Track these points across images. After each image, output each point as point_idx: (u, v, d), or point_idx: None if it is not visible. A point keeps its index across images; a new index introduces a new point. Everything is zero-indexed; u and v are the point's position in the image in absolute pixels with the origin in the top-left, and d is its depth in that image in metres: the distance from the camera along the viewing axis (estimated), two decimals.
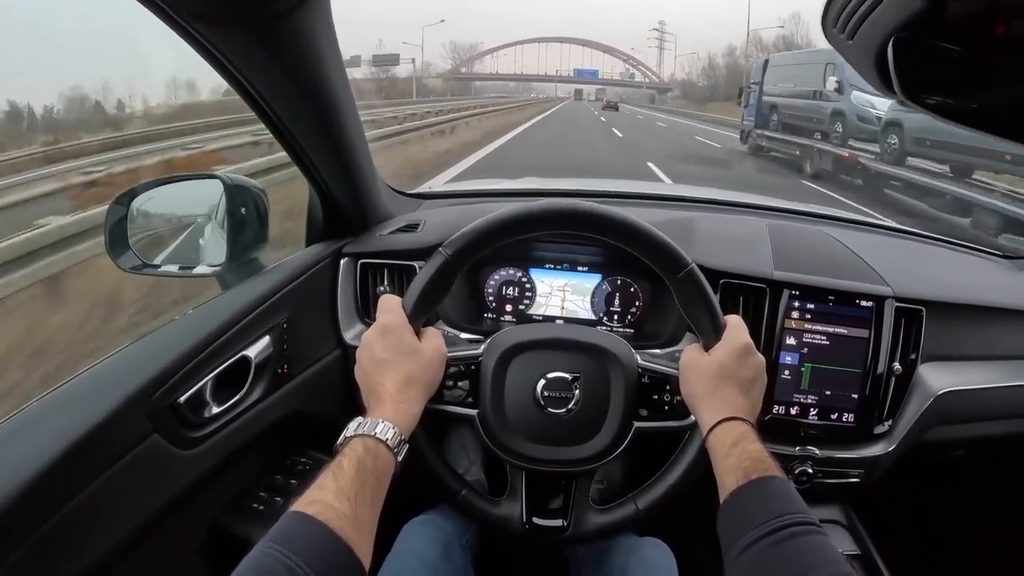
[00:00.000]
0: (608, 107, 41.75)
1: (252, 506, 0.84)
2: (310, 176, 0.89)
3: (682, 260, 0.71)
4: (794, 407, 0.92)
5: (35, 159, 7.80)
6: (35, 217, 3.53)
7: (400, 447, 0.61)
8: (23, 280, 2.89)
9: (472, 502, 0.76)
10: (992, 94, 0.40)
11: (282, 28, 0.60)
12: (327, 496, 0.53)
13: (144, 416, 0.64)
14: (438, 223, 1.03)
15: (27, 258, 2.94)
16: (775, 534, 0.53)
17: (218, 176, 0.89)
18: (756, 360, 0.70)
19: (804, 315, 0.92)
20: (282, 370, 0.84)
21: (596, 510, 0.77)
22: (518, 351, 0.76)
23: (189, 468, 0.70)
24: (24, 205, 4.65)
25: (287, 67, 0.66)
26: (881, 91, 0.43)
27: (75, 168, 6.73)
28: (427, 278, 0.70)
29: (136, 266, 0.89)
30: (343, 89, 0.76)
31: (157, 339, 0.74)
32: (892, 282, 0.94)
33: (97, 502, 0.59)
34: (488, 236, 0.71)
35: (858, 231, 1.29)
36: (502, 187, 1.53)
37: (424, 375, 0.68)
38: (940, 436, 0.98)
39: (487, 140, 12.69)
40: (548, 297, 1.06)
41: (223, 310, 0.77)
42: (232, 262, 0.88)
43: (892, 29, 0.36)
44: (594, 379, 0.75)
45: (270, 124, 0.76)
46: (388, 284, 0.99)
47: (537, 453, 0.74)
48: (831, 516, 1.01)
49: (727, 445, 0.63)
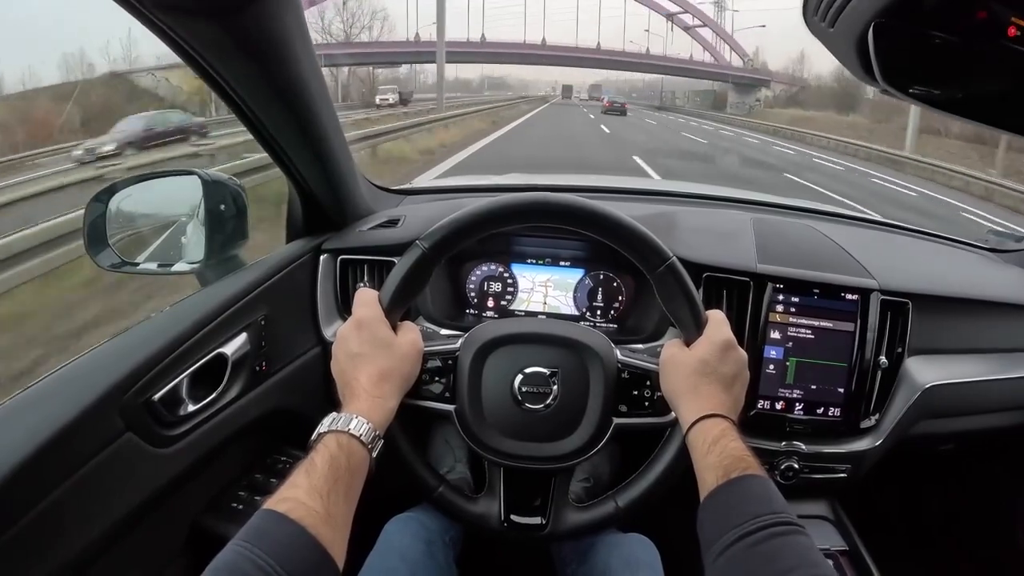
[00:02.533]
0: (612, 111, 29.69)
1: (232, 505, 0.83)
2: (287, 171, 0.88)
3: (663, 253, 0.70)
4: (779, 402, 0.91)
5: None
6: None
7: (375, 443, 0.60)
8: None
9: (449, 499, 0.75)
10: (974, 81, 0.40)
11: (249, 18, 0.60)
12: (299, 494, 0.52)
13: (117, 414, 0.64)
14: (419, 218, 1.02)
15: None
16: (755, 534, 0.52)
17: (196, 172, 0.88)
18: (738, 356, 0.70)
19: (788, 309, 0.91)
20: (259, 368, 0.83)
21: (575, 508, 0.76)
22: (495, 345, 0.75)
23: (165, 467, 0.70)
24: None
25: (256, 58, 0.66)
26: (864, 80, 0.42)
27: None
28: (404, 271, 0.69)
29: (115, 264, 0.88)
30: (316, 81, 0.75)
31: (131, 337, 0.73)
32: (877, 275, 0.93)
33: (70, 502, 0.58)
34: (466, 229, 0.70)
35: (843, 224, 1.29)
36: (486, 183, 1.53)
37: (400, 369, 0.67)
38: (927, 430, 0.98)
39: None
40: (530, 292, 1.05)
41: (199, 307, 0.77)
42: (211, 259, 0.88)
43: (872, 15, 0.36)
44: (572, 374, 0.74)
45: (244, 118, 0.75)
46: (368, 280, 0.98)
47: (515, 449, 0.73)
48: (818, 511, 1.01)
49: (707, 443, 0.62)
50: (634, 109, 37.32)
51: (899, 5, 0.34)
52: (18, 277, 3.14)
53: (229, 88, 0.69)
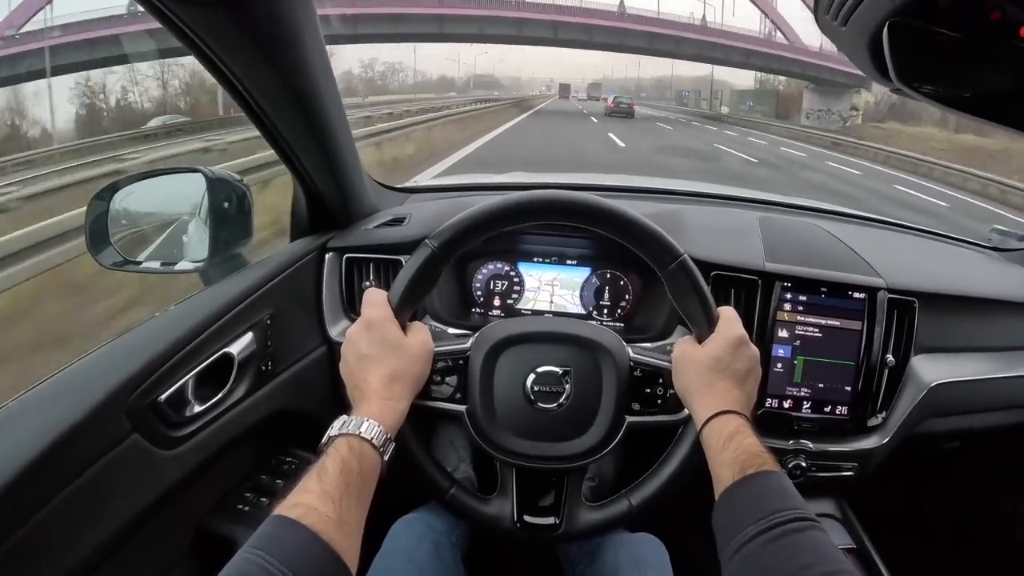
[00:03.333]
0: (617, 112, 25.82)
1: (237, 507, 0.82)
2: (293, 169, 0.87)
3: (674, 250, 0.70)
4: (787, 400, 0.91)
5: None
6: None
7: (386, 446, 0.60)
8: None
9: (462, 500, 0.74)
10: (987, 81, 0.40)
11: (259, 8, 0.59)
12: (311, 499, 0.51)
13: (123, 415, 0.63)
14: (424, 217, 1.01)
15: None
16: (772, 530, 0.52)
17: (200, 170, 0.87)
18: (751, 352, 0.70)
19: (796, 307, 0.91)
20: (265, 367, 0.82)
21: (589, 507, 0.76)
22: (507, 345, 0.74)
23: (171, 468, 0.69)
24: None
25: (266, 52, 0.65)
26: (876, 79, 0.42)
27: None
28: (413, 271, 0.69)
29: (118, 262, 0.87)
30: (325, 77, 0.75)
31: (136, 337, 0.72)
32: (884, 273, 0.93)
33: (76, 504, 0.58)
34: (475, 228, 0.70)
35: (849, 223, 1.28)
36: (490, 181, 1.52)
37: (410, 370, 0.66)
38: (934, 428, 0.98)
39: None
40: (537, 291, 1.04)
41: (204, 306, 0.76)
42: (215, 258, 0.87)
43: (885, 14, 0.36)
44: (585, 373, 0.74)
45: (250, 113, 0.74)
46: (374, 278, 0.97)
47: (528, 449, 0.73)
48: (825, 510, 1.01)
49: (722, 439, 0.62)
50: (649, 115, 28.49)
51: (913, 4, 0.34)
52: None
53: (236, 81, 0.68)
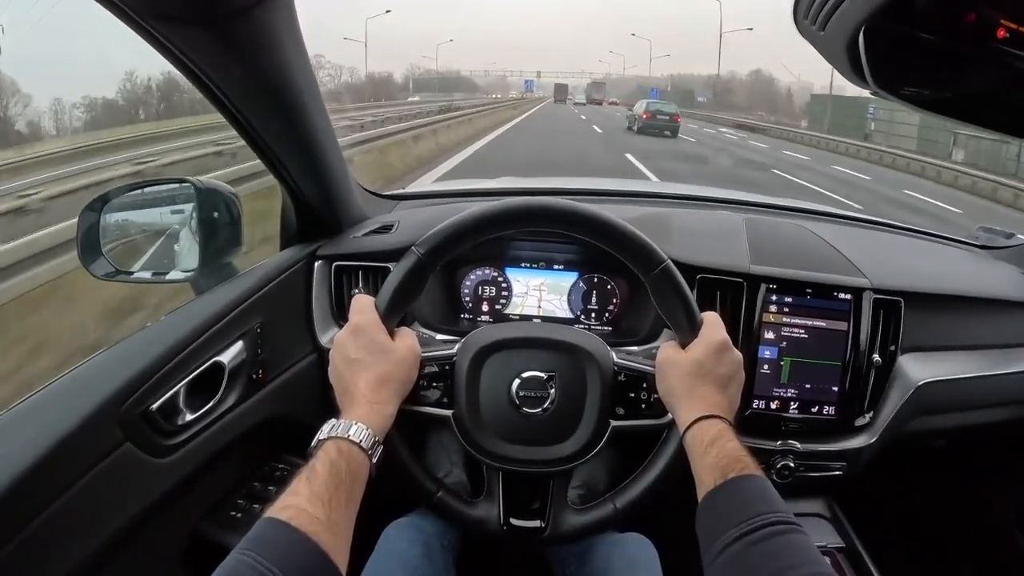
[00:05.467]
0: (650, 127, 21.35)
1: (230, 513, 0.83)
2: (281, 178, 0.88)
3: (656, 256, 0.71)
4: (774, 401, 0.92)
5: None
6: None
7: (374, 448, 0.61)
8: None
9: (448, 504, 0.75)
10: (964, 83, 0.40)
11: (244, 26, 0.60)
12: (301, 501, 0.52)
13: (115, 425, 0.64)
14: (413, 224, 1.02)
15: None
16: (753, 533, 0.53)
17: (189, 180, 0.88)
18: (733, 357, 0.70)
19: (782, 309, 0.92)
20: (256, 376, 0.83)
21: (574, 510, 0.76)
22: (492, 350, 0.75)
23: (164, 477, 0.70)
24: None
25: (251, 66, 0.66)
26: (855, 83, 0.43)
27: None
28: (400, 277, 0.70)
29: (109, 273, 0.87)
30: (310, 89, 0.75)
31: (127, 347, 0.73)
32: (870, 274, 0.94)
33: (69, 513, 0.58)
34: (461, 234, 0.71)
35: (834, 224, 1.29)
36: (479, 187, 1.52)
37: (398, 374, 0.67)
38: (921, 427, 0.99)
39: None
40: (524, 296, 1.05)
41: (194, 316, 0.76)
42: (205, 267, 0.87)
43: (863, 18, 0.36)
44: (569, 378, 0.75)
45: (237, 126, 0.75)
46: (363, 286, 0.98)
47: (513, 453, 0.74)
48: (814, 509, 1.01)
49: (704, 443, 0.63)
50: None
51: (890, 8, 0.35)
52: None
53: (222, 95, 0.69)
